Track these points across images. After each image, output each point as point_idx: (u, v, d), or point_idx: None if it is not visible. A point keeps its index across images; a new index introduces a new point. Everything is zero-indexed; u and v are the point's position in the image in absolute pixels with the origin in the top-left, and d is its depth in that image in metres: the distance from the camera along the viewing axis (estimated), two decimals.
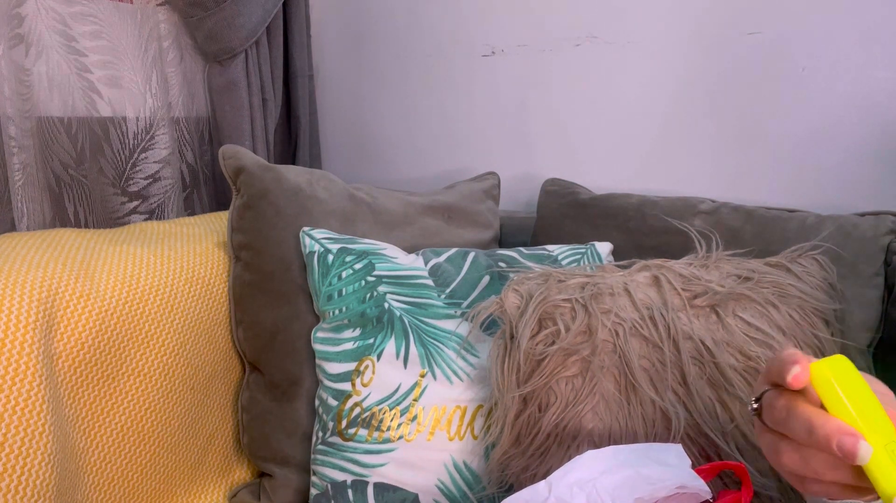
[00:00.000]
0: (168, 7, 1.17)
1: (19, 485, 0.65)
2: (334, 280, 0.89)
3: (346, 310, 0.88)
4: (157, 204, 1.17)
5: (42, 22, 0.98)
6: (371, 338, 0.86)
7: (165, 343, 0.85)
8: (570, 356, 0.74)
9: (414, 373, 0.84)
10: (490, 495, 0.81)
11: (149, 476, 0.84)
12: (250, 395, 0.97)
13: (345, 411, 0.85)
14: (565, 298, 0.77)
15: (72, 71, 1.03)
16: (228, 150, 0.95)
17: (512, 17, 1.20)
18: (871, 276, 0.83)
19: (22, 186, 0.94)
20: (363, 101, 1.39)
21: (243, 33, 1.17)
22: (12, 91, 0.92)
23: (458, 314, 0.88)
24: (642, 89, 1.09)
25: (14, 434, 0.65)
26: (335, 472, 0.85)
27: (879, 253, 0.84)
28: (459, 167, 1.29)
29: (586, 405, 0.72)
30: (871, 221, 0.85)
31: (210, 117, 1.27)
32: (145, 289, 0.84)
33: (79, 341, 0.75)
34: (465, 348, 0.85)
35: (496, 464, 0.78)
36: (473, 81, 1.26)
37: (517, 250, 0.97)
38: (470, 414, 0.83)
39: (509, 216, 1.17)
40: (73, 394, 0.75)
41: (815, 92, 0.98)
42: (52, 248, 0.81)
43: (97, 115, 1.07)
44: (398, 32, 1.32)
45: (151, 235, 0.96)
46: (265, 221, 0.93)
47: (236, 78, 1.19)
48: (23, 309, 0.70)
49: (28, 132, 0.95)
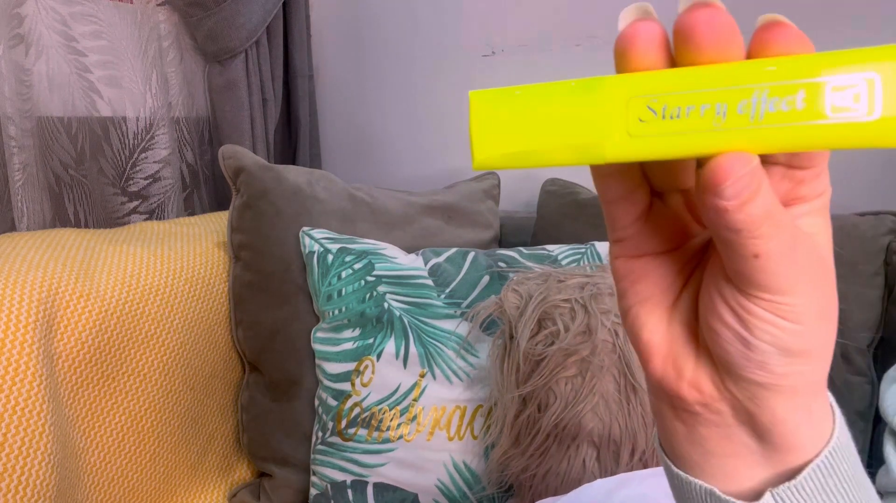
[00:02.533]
0: (168, 7, 1.17)
1: (19, 485, 0.65)
2: (334, 280, 0.89)
3: (345, 310, 0.88)
4: (157, 204, 1.17)
5: (42, 22, 0.98)
6: (371, 338, 0.86)
7: (165, 343, 0.85)
8: (570, 356, 0.74)
9: (413, 373, 0.84)
10: (490, 495, 0.81)
11: (149, 476, 0.84)
12: (250, 395, 0.97)
13: (344, 411, 0.85)
14: (565, 298, 0.77)
15: (72, 71, 1.03)
16: (228, 150, 0.95)
17: (512, 17, 1.20)
18: (871, 276, 0.83)
19: (22, 186, 0.94)
20: (363, 101, 1.39)
21: (243, 33, 1.17)
22: (12, 91, 0.92)
23: (458, 314, 0.88)
24: None
25: (14, 434, 0.65)
26: (335, 472, 0.85)
27: (879, 253, 0.84)
28: (459, 167, 1.29)
29: (586, 405, 0.72)
30: (871, 221, 0.85)
31: (210, 117, 1.27)
32: (145, 289, 0.84)
33: (79, 341, 0.75)
34: (465, 348, 0.85)
35: (496, 464, 0.78)
36: (473, 81, 1.26)
37: (517, 250, 0.97)
38: (469, 414, 0.83)
39: (509, 216, 1.17)
40: (73, 394, 0.75)
41: None
42: (52, 248, 0.81)
43: (97, 115, 1.07)
44: (398, 32, 1.32)
45: (151, 235, 0.96)
46: (265, 221, 0.93)
47: (236, 78, 1.19)
48: (23, 309, 0.70)
49: (28, 132, 0.95)
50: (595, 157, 0.21)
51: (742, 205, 0.20)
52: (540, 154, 0.22)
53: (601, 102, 0.21)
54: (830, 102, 0.19)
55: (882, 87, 0.19)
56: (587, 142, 0.21)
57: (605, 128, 0.21)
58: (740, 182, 0.19)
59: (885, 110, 0.19)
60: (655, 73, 0.21)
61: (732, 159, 0.20)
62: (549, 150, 0.21)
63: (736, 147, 0.20)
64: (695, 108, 0.20)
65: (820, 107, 0.19)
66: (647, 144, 0.21)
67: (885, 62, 0.19)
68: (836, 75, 0.19)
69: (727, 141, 0.20)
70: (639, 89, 0.21)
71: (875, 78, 0.19)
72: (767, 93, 0.20)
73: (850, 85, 0.19)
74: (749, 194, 0.20)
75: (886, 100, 0.19)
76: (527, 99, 0.22)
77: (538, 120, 0.21)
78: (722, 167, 0.20)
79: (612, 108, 0.21)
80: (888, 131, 0.19)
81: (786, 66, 0.19)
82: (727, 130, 0.20)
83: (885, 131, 0.19)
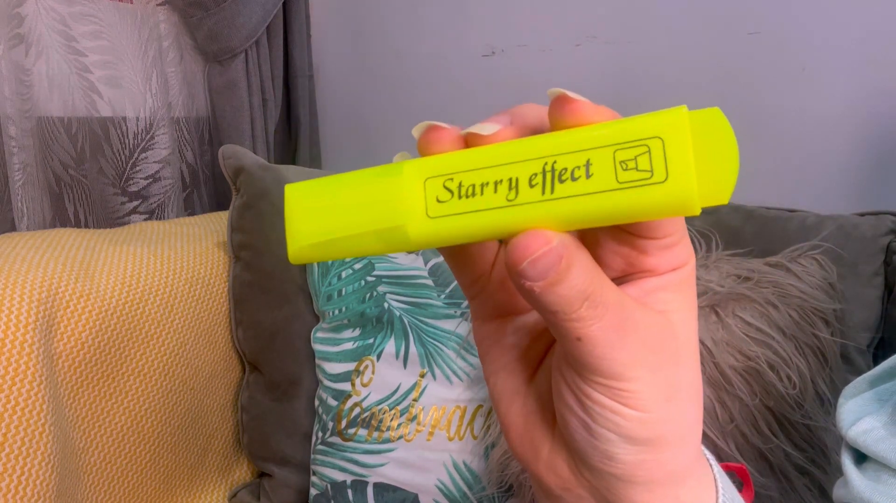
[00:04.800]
0: (168, 7, 1.17)
1: (19, 485, 0.65)
2: (334, 280, 0.89)
3: (345, 310, 0.88)
4: (157, 204, 1.17)
5: (42, 22, 0.98)
6: (371, 338, 0.86)
7: (165, 343, 0.85)
8: None
9: (414, 373, 0.84)
10: (490, 495, 0.81)
11: (149, 476, 0.84)
12: (250, 395, 0.97)
13: (344, 411, 0.85)
14: None
15: (72, 71, 1.03)
16: (228, 150, 0.95)
17: (512, 17, 1.20)
18: (871, 276, 0.83)
19: (22, 186, 0.94)
20: (363, 101, 1.39)
21: (243, 33, 1.17)
22: (12, 91, 0.92)
23: (458, 314, 0.88)
24: (642, 88, 1.09)
25: (14, 434, 0.65)
26: (335, 472, 0.85)
27: (879, 253, 0.84)
28: None
29: None
30: (871, 221, 0.85)
31: (210, 117, 1.27)
32: (145, 289, 0.84)
33: (79, 341, 0.75)
34: (465, 348, 0.85)
35: (496, 464, 0.78)
36: (473, 81, 1.26)
37: None
38: (470, 414, 0.83)
39: None
40: (73, 394, 0.75)
41: (815, 92, 0.97)
42: (52, 248, 0.81)
43: (97, 115, 1.07)
44: (398, 32, 1.32)
45: (151, 235, 0.96)
46: (265, 221, 0.93)
47: (236, 78, 1.19)
48: (23, 309, 0.70)
49: (28, 132, 0.95)
50: (400, 242, 0.20)
51: (549, 286, 0.18)
52: (347, 242, 0.21)
53: (401, 186, 0.20)
54: (617, 169, 0.18)
55: (666, 150, 0.18)
56: (391, 226, 0.20)
57: (407, 211, 0.20)
58: (540, 262, 0.18)
59: (673, 173, 0.18)
60: (451, 153, 0.20)
61: (529, 237, 0.18)
62: (354, 237, 0.21)
63: (535, 224, 0.19)
64: (489, 184, 0.19)
65: (608, 174, 0.18)
66: (448, 226, 0.20)
67: (669, 124, 0.18)
68: (621, 140, 0.18)
69: (524, 218, 0.19)
70: (434, 169, 0.20)
71: (660, 140, 0.18)
72: (556, 163, 0.19)
73: (635, 149, 0.18)
74: (555, 275, 0.18)
75: (673, 163, 0.18)
76: (335, 188, 0.21)
77: (345, 208, 0.21)
78: (518, 247, 0.18)
79: (412, 191, 0.20)
80: (680, 194, 0.18)
81: (570, 137, 0.19)
82: (522, 206, 0.19)
83: (677, 195, 0.18)
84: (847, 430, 0.42)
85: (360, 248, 0.21)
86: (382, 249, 0.21)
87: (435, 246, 0.21)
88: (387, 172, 0.21)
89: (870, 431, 0.41)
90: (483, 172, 0.20)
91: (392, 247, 0.21)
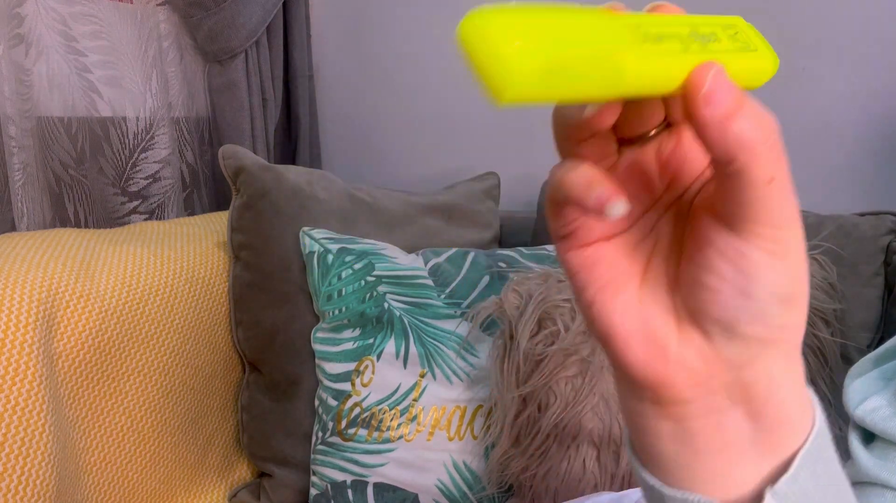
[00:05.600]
0: (168, 7, 1.17)
1: (19, 485, 0.65)
2: (334, 280, 0.89)
3: (345, 310, 0.88)
4: (157, 204, 1.17)
5: (42, 22, 0.98)
6: (371, 338, 0.86)
7: (165, 343, 0.85)
8: (570, 356, 0.74)
9: (414, 373, 0.84)
10: (490, 495, 0.81)
11: (149, 476, 0.84)
12: (250, 395, 0.97)
13: (344, 411, 0.85)
14: (565, 298, 0.77)
15: (72, 71, 1.03)
16: (228, 150, 0.95)
17: None
18: (871, 276, 0.83)
19: (22, 186, 0.94)
20: (363, 101, 1.39)
21: (243, 33, 1.17)
22: (12, 91, 0.92)
23: (458, 314, 0.88)
24: None
25: (14, 434, 0.65)
26: (335, 472, 0.85)
27: (879, 253, 0.84)
28: (459, 167, 1.29)
29: (586, 405, 0.72)
30: (871, 221, 0.85)
31: (210, 117, 1.27)
32: (145, 289, 0.84)
33: (79, 341, 0.75)
34: (465, 348, 0.85)
35: (496, 464, 0.78)
36: (473, 81, 1.26)
37: (517, 250, 0.97)
38: (470, 414, 0.83)
39: (509, 216, 1.17)
40: (73, 394, 0.75)
41: (815, 92, 0.97)
42: (52, 248, 0.81)
43: (97, 115, 1.07)
44: (398, 32, 1.32)
45: (151, 235, 0.96)
46: (265, 221, 0.93)
47: (236, 78, 1.19)
48: (23, 309, 0.70)
49: (28, 132, 0.95)
50: (615, 76, 0.19)
51: (740, 108, 0.20)
52: (573, 70, 0.19)
53: (611, 24, 0.20)
54: (731, 39, 0.24)
55: (746, 34, 0.25)
56: (610, 54, 0.19)
57: (622, 45, 0.20)
58: (722, 76, 0.20)
59: (759, 47, 0.25)
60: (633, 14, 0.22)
61: (706, 64, 0.21)
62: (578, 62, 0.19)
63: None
64: (667, 35, 0.22)
65: (729, 41, 0.24)
66: (651, 65, 0.20)
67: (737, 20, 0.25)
68: (720, 23, 0.24)
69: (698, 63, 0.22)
70: (628, 18, 0.21)
71: (736, 28, 0.25)
72: (698, 30, 0.23)
73: (730, 29, 0.25)
74: (740, 95, 0.20)
75: (753, 41, 0.25)
76: (536, 13, 0.19)
77: (559, 29, 0.19)
78: (700, 72, 0.20)
79: (621, 29, 0.20)
80: (767, 60, 0.25)
81: (694, 18, 0.23)
82: (694, 54, 0.22)
83: (766, 60, 0.25)
84: (854, 410, 0.42)
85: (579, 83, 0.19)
86: (596, 90, 0.19)
87: (643, 86, 0.20)
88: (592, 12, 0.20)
89: (877, 409, 0.41)
90: (660, 27, 0.22)
91: (606, 84, 0.20)
